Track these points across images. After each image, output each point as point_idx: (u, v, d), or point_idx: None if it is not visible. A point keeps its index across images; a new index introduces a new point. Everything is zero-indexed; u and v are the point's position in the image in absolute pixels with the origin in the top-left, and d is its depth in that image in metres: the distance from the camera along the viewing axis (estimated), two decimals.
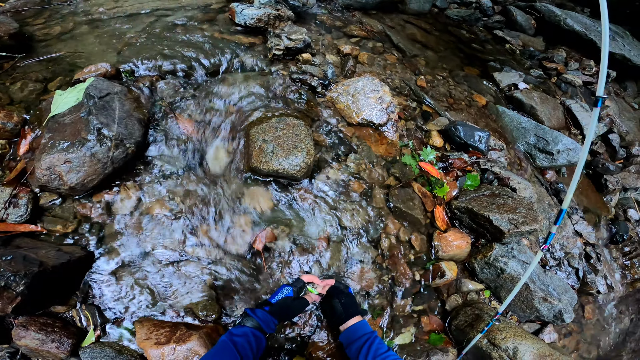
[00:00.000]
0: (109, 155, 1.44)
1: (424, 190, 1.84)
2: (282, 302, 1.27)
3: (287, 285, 1.34)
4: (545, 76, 3.12)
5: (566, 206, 0.84)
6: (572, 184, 0.79)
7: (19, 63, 1.81)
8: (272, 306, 1.25)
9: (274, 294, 1.31)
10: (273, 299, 1.29)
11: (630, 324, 2.33)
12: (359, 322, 1.28)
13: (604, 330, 2.17)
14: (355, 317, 1.29)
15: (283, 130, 1.64)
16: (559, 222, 0.87)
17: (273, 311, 1.23)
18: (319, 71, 2.06)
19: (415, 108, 2.22)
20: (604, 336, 2.16)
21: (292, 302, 1.29)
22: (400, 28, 2.97)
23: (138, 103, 1.68)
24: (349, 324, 1.28)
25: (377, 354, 1.15)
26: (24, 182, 1.45)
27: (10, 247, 1.28)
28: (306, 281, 1.40)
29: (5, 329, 1.27)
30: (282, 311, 1.26)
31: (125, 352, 1.30)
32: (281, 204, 1.61)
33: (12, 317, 1.26)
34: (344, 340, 1.27)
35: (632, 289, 2.36)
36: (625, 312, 2.31)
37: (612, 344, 2.19)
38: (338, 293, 1.36)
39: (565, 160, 2.35)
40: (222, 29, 2.19)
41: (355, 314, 1.30)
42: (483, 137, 2.07)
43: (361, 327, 1.27)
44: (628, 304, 2.34)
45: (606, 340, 2.16)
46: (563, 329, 1.95)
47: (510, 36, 3.45)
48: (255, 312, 1.21)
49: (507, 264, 1.68)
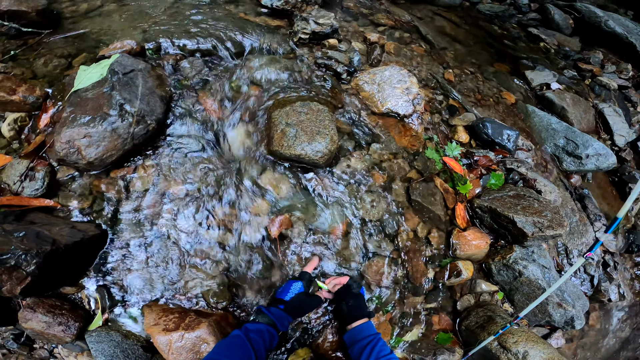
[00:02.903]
0: (130, 131, 1.43)
1: (446, 186, 1.79)
2: (295, 300, 1.25)
3: (297, 280, 1.32)
4: (579, 77, 2.99)
5: (622, 215, 0.79)
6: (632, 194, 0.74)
7: (44, 39, 1.81)
8: (287, 304, 1.23)
9: (284, 289, 1.29)
10: (286, 296, 1.26)
11: (631, 333, 2.28)
12: (364, 323, 1.27)
13: (604, 337, 2.14)
14: (361, 319, 1.28)
15: (307, 115, 1.60)
16: (610, 231, 0.82)
17: (288, 309, 1.22)
18: (344, 58, 2.00)
19: (442, 101, 2.14)
20: (603, 344, 2.13)
21: (305, 299, 1.28)
22: (428, 19, 2.88)
23: (161, 81, 1.67)
24: (354, 325, 1.27)
25: (379, 355, 1.14)
26: (42, 156, 1.45)
27: (23, 222, 1.25)
28: (310, 271, 1.38)
29: (11, 310, 1.24)
30: (296, 309, 1.25)
31: (131, 337, 1.29)
32: (299, 190, 1.57)
33: (19, 299, 1.22)
34: (347, 340, 1.26)
35: (639, 299, 2.30)
36: (627, 321, 2.26)
37: (609, 351, 2.16)
38: (347, 294, 1.34)
39: (594, 166, 2.26)
40: (248, 10, 2.15)
41: (361, 316, 1.29)
42: (512, 136, 1.99)
43: (366, 328, 1.26)
44: (632, 313, 2.29)
45: (604, 348, 2.13)
46: (566, 335, 1.91)
47: (546, 35, 3.32)
48: (270, 310, 1.19)
49: (527, 267, 1.64)
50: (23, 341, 1.35)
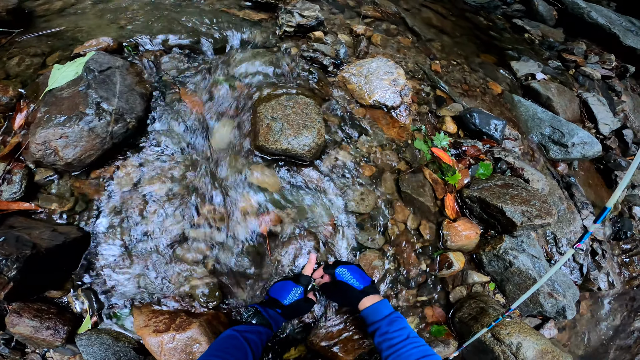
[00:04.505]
0: (108, 130, 1.38)
1: (435, 177, 1.78)
2: (294, 305, 1.22)
3: (297, 285, 1.27)
4: (564, 68, 3.02)
5: (611, 205, 0.78)
6: (621, 183, 0.73)
7: (16, 38, 1.74)
8: (285, 309, 1.20)
9: (283, 292, 1.24)
10: (285, 300, 1.22)
11: (621, 321, 2.32)
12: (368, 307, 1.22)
13: (596, 326, 2.17)
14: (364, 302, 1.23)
15: (293, 109, 1.56)
16: (600, 221, 0.81)
17: (285, 313, 1.20)
18: (330, 50, 1.97)
19: (429, 92, 2.14)
20: (595, 332, 2.16)
21: (302, 304, 1.26)
22: (415, 11, 2.86)
23: (141, 77, 1.62)
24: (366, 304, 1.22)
25: None
26: (19, 158, 1.39)
27: (2, 227, 1.22)
28: (309, 274, 1.35)
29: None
30: (292, 314, 1.23)
31: (122, 339, 1.26)
32: (288, 185, 1.55)
33: (5, 304, 1.21)
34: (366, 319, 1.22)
35: (628, 287, 2.35)
36: (617, 310, 2.31)
37: (602, 339, 2.19)
38: (331, 290, 1.31)
39: (580, 154, 2.29)
40: (231, 4, 2.09)
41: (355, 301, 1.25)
42: (499, 125, 2.00)
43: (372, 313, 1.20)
44: (621, 301, 2.33)
45: (596, 336, 2.16)
46: (558, 324, 1.94)
47: (530, 26, 3.35)
48: (268, 312, 1.16)
49: (517, 257, 1.64)
50: (14, 346, 1.32)
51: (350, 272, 1.28)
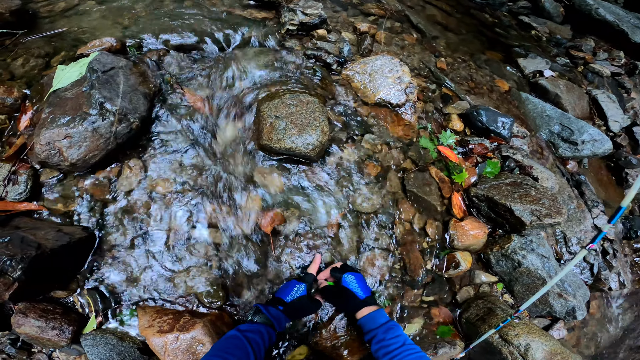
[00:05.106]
0: (112, 130, 1.37)
1: (442, 176, 1.75)
2: (297, 303, 1.22)
3: (300, 282, 1.28)
4: (572, 65, 2.98)
5: (625, 204, 0.75)
6: (636, 182, 0.70)
7: (20, 39, 1.76)
8: (286, 306, 1.20)
9: (286, 290, 1.25)
10: (286, 297, 1.22)
11: (631, 322, 2.27)
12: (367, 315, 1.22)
13: (605, 326, 2.13)
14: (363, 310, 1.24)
15: (296, 107, 1.55)
16: (614, 221, 0.78)
17: (286, 311, 1.18)
18: (334, 48, 1.96)
19: (435, 90, 2.11)
20: (604, 332, 2.11)
21: (306, 302, 1.25)
22: (419, 8, 2.84)
23: (144, 77, 1.61)
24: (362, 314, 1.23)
25: None
26: (24, 158, 1.40)
27: (8, 228, 1.23)
28: (314, 272, 1.35)
29: (5, 315, 1.23)
30: (295, 312, 1.22)
31: (127, 339, 1.27)
32: (292, 184, 1.53)
33: (11, 304, 1.22)
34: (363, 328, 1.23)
35: (639, 287, 2.30)
36: (628, 310, 2.26)
37: (611, 340, 2.15)
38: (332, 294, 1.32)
39: (590, 152, 2.24)
40: (234, 3, 2.09)
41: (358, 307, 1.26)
42: (507, 123, 1.97)
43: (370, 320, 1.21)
44: (632, 301, 2.28)
45: (606, 337, 2.12)
46: (568, 325, 1.90)
47: (537, 23, 3.32)
48: (269, 309, 1.15)
49: (526, 257, 1.61)
50: (20, 346, 1.34)
51: (357, 281, 1.30)
